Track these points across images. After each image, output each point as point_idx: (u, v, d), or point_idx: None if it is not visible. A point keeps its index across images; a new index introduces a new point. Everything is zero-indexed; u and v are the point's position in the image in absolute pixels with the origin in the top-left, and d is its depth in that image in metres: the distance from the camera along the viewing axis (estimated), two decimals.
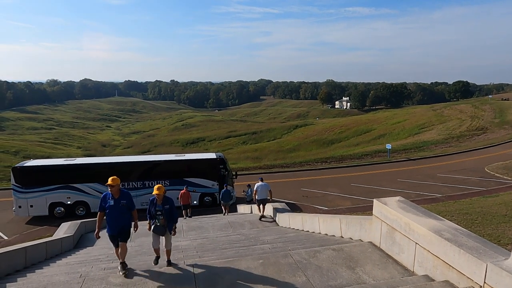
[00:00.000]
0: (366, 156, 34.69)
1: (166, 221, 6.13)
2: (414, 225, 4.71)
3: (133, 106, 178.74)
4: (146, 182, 18.89)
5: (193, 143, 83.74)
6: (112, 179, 5.87)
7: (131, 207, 6.11)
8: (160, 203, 6.15)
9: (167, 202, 6.18)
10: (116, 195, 5.90)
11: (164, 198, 6.17)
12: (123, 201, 5.96)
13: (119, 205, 5.89)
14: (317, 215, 9.45)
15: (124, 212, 5.96)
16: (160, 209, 6.11)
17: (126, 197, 6.04)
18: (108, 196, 5.96)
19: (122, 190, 6.06)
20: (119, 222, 5.88)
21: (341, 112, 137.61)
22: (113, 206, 5.84)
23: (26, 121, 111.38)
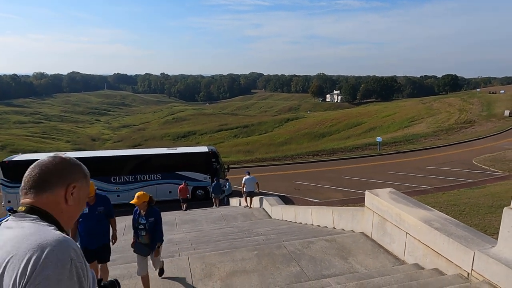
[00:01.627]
0: (357, 149, 35.04)
1: (150, 237, 5.01)
2: (405, 215, 4.83)
3: (122, 100, 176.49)
4: (138, 176, 18.83)
5: (184, 136, 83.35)
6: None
7: (110, 214, 5.17)
8: (144, 215, 5.01)
9: (153, 214, 5.03)
10: (92, 201, 4.99)
11: (150, 208, 5.05)
12: (100, 207, 5.03)
13: (95, 212, 4.97)
14: (309, 207, 9.58)
15: (101, 220, 5.04)
16: (143, 223, 4.99)
17: (103, 202, 5.11)
18: None
19: (99, 195, 5.17)
20: (97, 234, 4.99)
21: (332, 106, 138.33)
22: (87, 215, 4.90)
23: (13, 115, 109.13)
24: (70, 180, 1.42)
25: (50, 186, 1.35)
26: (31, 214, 1.30)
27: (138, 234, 5.06)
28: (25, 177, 1.39)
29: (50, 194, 1.35)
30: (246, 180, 13.80)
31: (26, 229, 1.22)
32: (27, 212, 1.31)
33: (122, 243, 8.98)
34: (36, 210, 1.32)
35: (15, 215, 1.31)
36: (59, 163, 1.42)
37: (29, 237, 1.18)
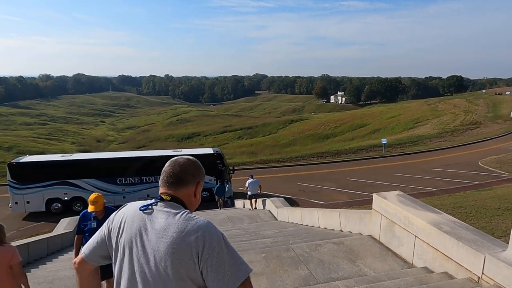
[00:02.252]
0: (362, 150, 34.96)
1: None
2: (414, 218, 4.83)
3: (127, 101, 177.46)
4: (144, 177, 18.94)
5: (188, 138, 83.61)
6: (95, 197, 4.72)
7: None
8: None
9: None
10: (100, 215, 4.75)
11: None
12: None
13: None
14: (316, 209, 9.59)
15: None
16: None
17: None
18: (89, 216, 4.79)
19: (108, 207, 4.89)
20: None
21: (336, 107, 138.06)
22: (95, 230, 4.46)
23: (19, 116, 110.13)
24: (199, 178, 1.75)
25: (187, 183, 1.70)
26: (175, 203, 1.64)
27: None
28: (167, 172, 1.71)
29: (186, 189, 1.69)
30: (249, 184, 14.14)
31: (182, 216, 1.57)
32: (171, 201, 1.65)
33: None
34: (177, 199, 1.66)
35: (164, 202, 1.64)
36: (193, 164, 1.74)
37: (189, 221, 1.55)
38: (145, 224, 1.58)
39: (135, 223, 1.60)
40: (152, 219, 1.58)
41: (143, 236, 1.56)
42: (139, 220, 1.60)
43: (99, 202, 4.70)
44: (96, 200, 4.71)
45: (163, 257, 1.49)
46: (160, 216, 1.58)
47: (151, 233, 1.55)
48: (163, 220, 1.56)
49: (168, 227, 1.53)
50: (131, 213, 1.65)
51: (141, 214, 1.62)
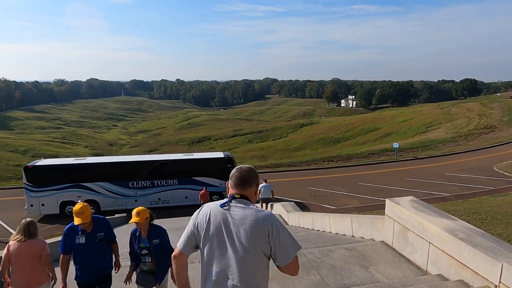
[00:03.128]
0: (373, 155, 34.61)
1: (156, 264, 4.22)
2: (428, 224, 4.76)
3: (139, 105, 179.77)
4: (155, 181, 19.10)
5: (199, 142, 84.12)
6: (80, 207, 4.06)
7: (111, 238, 4.36)
8: (145, 236, 4.22)
9: (157, 235, 4.24)
10: (89, 227, 4.14)
11: (152, 228, 4.26)
12: (100, 233, 4.20)
13: (95, 240, 4.13)
14: (327, 214, 9.52)
15: (103, 250, 4.26)
16: (147, 246, 4.20)
17: (103, 226, 4.29)
18: (76, 230, 4.12)
19: (97, 217, 4.30)
20: (97, 265, 4.20)
21: (347, 111, 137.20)
22: (85, 246, 4.08)
23: (34, 121, 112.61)
24: (257, 181, 2.30)
25: (250, 185, 2.23)
26: (244, 199, 2.18)
27: (141, 261, 4.22)
28: (236, 177, 2.24)
29: (250, 189, 2.24)
30: (262, 187, 14.26)
31: (253, 209, 2.13)
32: (241, 198, 2.18)
33: None
34: (245, 197, 2.19)
35: (237, 200, 2.17)
36: (253, 171, 2.29)
37: (259, 213, 2.10)
38: (226, 216, 2.12)
39: (218, 216, 2.14)
40: (231, 212, 2.13)
41: (226, 225, 2.10)
42: (221, 214, 2.14)
43: (86, 212, 4.04)
44: (82, 210, 4.04)
45: (244, 239, 2.04)
46: (237, 210, 2.13)
47: (232, 222, 2.09)
48: (240, 212, 2.12)
49: (245, 217, 2.09)
50: (214, 210, 2.18)
51: (221, 209, 2.16)
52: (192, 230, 2.23)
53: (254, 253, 2.05)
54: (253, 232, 2.04)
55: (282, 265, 2.17)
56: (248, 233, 2.04)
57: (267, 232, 2.05)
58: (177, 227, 12.32)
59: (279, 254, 2.11)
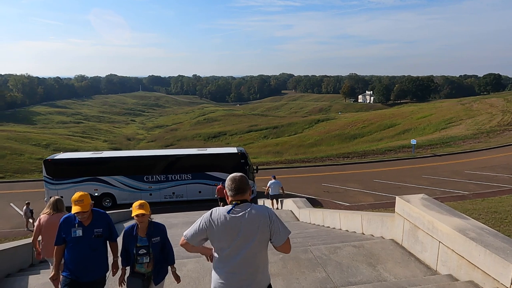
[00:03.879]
0: (390, 151, 33.95)
1: (155, 265, 3.83)
2: (438, 223, 4.62)
3: (156, 101, 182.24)
4: (169, 175, 19.34)
5: (215, 137, 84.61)
6: (80, 195, 3.78)
7: (111, 236, 4.00)
8: (145, 235, 3.81)
9: (157, 232, 3.86)
10: (87, 221, 3.82)
11: (152, 224, 3.86)
12: (98, 229, 3.85)
13: (91, 236, 3.79)
14: (338, 211, 9.40)
15: (98, 248, 3.86)
16: (146, 245, 3.78)
17: (103, 221, 3.93)
18: (72, 222, 3.81)
19: (96, 211, 3.97)
20: (91, 265, 3.80)
21: (364, 106, 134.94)
22: (79, 239, 3.76)
23: (56, 115, 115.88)
24: (249, 185, 2.80)
25: (246, 191, 2.74)
26: (245, 203, 2.71)
27: (138, 262, 3.78)
28: (233, 187, 2.71)
29: (246, 194, 2.75)
30: (271, 184, 14.35)
31: (257, 208, 2.71)
32: (242, 202, 2.70)
33: None
34: (246, 201, 2.73)
35: (241, 205, 2.69)
36: (245, 178, 2.78)
37: (260, 209, 2.71)
38: (235, 219, 2.64)
39: (228, 219, 2.64)
40: (237, 215, 2.65)
41: (235, 225, 2.63)
42: (230, 218, 2.64)
43: (85, 201, 3.76)
44: (81, 199, 3.76)
45: (253, 232, 2.63)
46: (243, 212, 2.66)
47: (239, 221, 2.63)
48: (246, 213, 2.66)
49: (249, 216, 2.65)
50: (224, 215, 2.66)
51: (229, 215, 2.65)
52: (204, 228, 2.69)
53: (261, 241, 2.66)
54: (259, 226, 2.63)
55: (278, 245, 2.74)
56: (255, 228, 2.63)
57: (267, 223, 2.66)
58: (189, 221, 12.45)
59: (275, 237, 2.70)
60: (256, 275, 2.69)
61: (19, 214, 17.88)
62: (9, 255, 6.70)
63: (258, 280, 2.70)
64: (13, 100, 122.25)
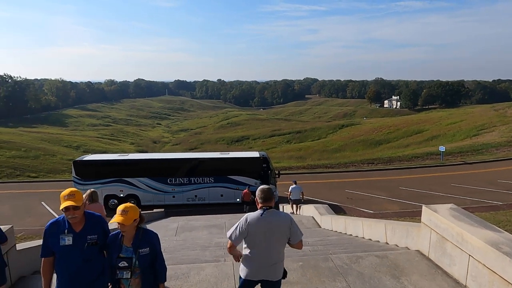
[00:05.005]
0: (417, 158, 32.86)
1: (143, 283, 3.17)
2: (468, 236, 4.37)
3: (181, 105, 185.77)
4: (192, 178, 19.55)
5: (238, 141, 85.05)
6: (70, 191, 3.14)
7: (105, 244, 3.34)
8: (130, 244, 3.14)
9: (147, 242, 3.18)
10: (78, 226, 3.19)
11: (139, 232, 3.18)
12: (92, 236, 3.21)
13: (83, 244, 3.16)
14: (360, 218, 9.14)
15: (93, 258, 3.24)
16: (128, 257, 3.11)
17: (97, 226, 3.30)
18: (61, 227, 3.18)
19: (90, 214, 3.36)
20: (84, 278, 3.21)
21: (390, 112, 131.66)
22: (70, 248, 3.14)
23: (87, 118, 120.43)
24: (274, 195, 3.56)
25: (271, 199, 3.48)
26: (272, 209, 3.45)
27: (119, 277, 3.11)
28: (262, 196, 3.48)
29: (272, 202, 3.47)
30: (292, 189, 14.25)
31: (281, 214, 3.54)
32: (269, 208, 3.44)
33: (173, 243, 9.33)
34: (271, 207, 3.43)
35: (269, 211, 3.43)
36: (270, 189, 3.53)
37: (282, 215, 3.53)
38: (265, 221, 3.40)
39: (261, 221, 3.40)
40: (267, 218, 3.41)
41: (266, 226, 3.39)
42: (262, 220, 3.40)
43: (77, 196, 3.13)
44: (72, 193, 3.13)
45: (278, 231, 3.42)
46: (270, 216, 3.43)
47: (269, 223, 3.40)
48: (272, 217, 3.43)
49: (276, 219, 3.45)
50: (257, 218, 3.42)
51: (261, 217, 3.41)
52: (244, 229, 3.40)
53: (283, 238, 3.46)
54: (283, 227, 3.44)
55: (293, 243, 3.55)
56: (280, 228, 3.42)
57: (288, 225, 3.46)
58: (210, 225, 12.51)
59: (293, 237, 3.50)
60: (277, 263, 3.50)
61: (50, 213, 18.62)
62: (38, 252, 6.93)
63: (278, 268, 3.53)
64: (47, 103, 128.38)
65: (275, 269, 3.46)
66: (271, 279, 3.47)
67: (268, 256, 3.40)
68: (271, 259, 3.42)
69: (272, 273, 3.45)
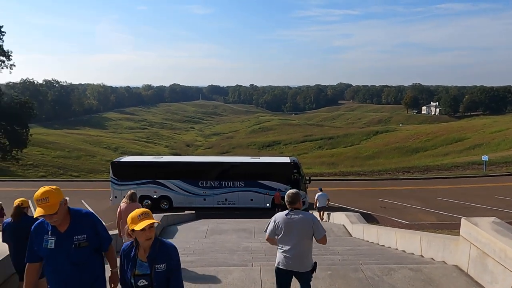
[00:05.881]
0: (457, 167, 31.19)
1: None
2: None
3: (214, 109, 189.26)
4: (223, 182, 19.76)
5: (269, 146, 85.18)
6: (43, 192, 2.64)
7: (101, 244, 2.97)
8: (146, 259, 2.63)
9: (163, 255, 2.65)
10: (62, 226, 2.78)
11: (157, 244, 2.65)
12: (80, 236, 2.79)
13: (69, 246, 2.77)
14: (394, 229, 8.80)
15: (84, 261, 2.84)
16: (147, 274, 2.63)
17: (85, 224, 2.87)
18: (45, 228, 2.80)
19: (76, 211, 2.89)
20: (75, 282, 2.82)
21: (428, 118, 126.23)
22: (56, 251, 2.75)
23: (125, 121, 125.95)
24: (300, 198, 4.00)
25: (296, 202, 3.94)
26: (297, 210, 3.94)
27: None
28: (288, 200, 3.95)
29: (297, 204, 3.95)
30: (318, 196, 14.66)
31: (304, 213, 3.96)
32: (294, 209, 3.92)
33: (203, 245, 9.47)
34: (298, 209, 3.94)
35: (294, 211, 3.91)
36: (297, 193, 4.00)
37: (305, 215, 3.94)
38: (291, 219, 3.88)
39: (287, 220, 3.88)
40: (292, 217, 3.88)
41: (291, 223, 3.86)
42: (287, 218, 3.89)
43: (51, 200, 2.64)
44: (45, 196, 2.63)
45: (302, 228, 3.83)
46: (295, 216, 3.89)
47: (294, 222, 3.85)
48: (296, 216, 3.88)
49: (300, 218, 3.87)
50: (284, 216, 3.91)
51: (287, 217, 3.90)
52: (274, 226, 3.96)
53: (307, 234, 3.88)
54: (305, 224, 3.86)
55: (318, 238, 3.93)
56: (304, 225, 3.86)
57: (310, 223, 3.89)
58: (239, 228, 12.59)
59: (316, 233, 3.90)
60: (302, 256, 3.88)
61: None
62: None
63: (305, 259, 3.91)
64: (89, 106, 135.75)
65: (301, 261, 3.87)
66: (299, 270, 3.88)
67: (293, 248, 3.83)
68: (296, 252, 3.84)
69: (300, 264, 3.86)
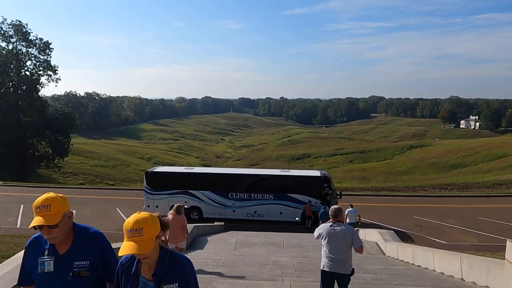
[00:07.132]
0: (500, 185, 29.36)
1: None
2: None
3: (245, 121, 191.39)
4: (252, 194, 19.79)
5: (299, 159, 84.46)
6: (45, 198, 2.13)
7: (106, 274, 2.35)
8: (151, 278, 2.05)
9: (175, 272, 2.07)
10: (63, 246, 2.26)
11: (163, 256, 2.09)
12: (81, 262, 2.25)
13: (67, 272, 2.22)
14: (431, 249, 8.40)
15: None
16: None
17: (89, 247, 2.30)
18: (42, 246, 2.27)
19: (82, 228, 2.35)
20: None
21: (467, 133, 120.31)
22: (50, 276, 2.21)
23: (158, 132, 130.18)
24: (342, 212, 5.15)
25: (338, 215, 4.92)
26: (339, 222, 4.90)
27: None
28: (332, 214, 4.90)
29: (340, 217, 4.94)
30: (348, 212, 14.17)
31: (346, 226, 4.94)
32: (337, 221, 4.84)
33: (232, 258, 9.50)
34: (339, 222, 4.91)
35: (336, 223, 4.81)
36: (340, 208, 5.01)
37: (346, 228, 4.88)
38: (333, 230, 4.73)
39: (330, 230, 4.73)
40: (335, 228, 4.74)
41: (334, 234, 4.70)
42: (331, 229, 4.75)
43: (53, 208, 2.13)
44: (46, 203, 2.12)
45: (343, 238, 4.69)
46: (337, 228, 4.74)
47: (336, 232, 4.71)
48: (338, 228, 4.75)
49: (341, 230, 4.74)
50: (328, 227, 4.77)
51: (330, 228, 4.75)
52: (318, 234, 4.83)
53: (347, 243, 4.64)
54: (345, 235, 4.65)
55: (356, 248, 4.68)
56: (344, 236, 4.65)
57: (350, 235, 4.67)
58: (268, 242, 12.53)
59: (354, 243, 4.65)
60: (342, 261, 4.66)
61: (122, 218, 20.24)
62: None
63: (345, 265, 4.68)
64: (126, 118, 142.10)
65: (342, 265, 4.65)
66: (340, 272, 4.65)
67: (334, 254, 4.61)
68: (337, 257, 4.61)
69: (341, 267, 4.63)
